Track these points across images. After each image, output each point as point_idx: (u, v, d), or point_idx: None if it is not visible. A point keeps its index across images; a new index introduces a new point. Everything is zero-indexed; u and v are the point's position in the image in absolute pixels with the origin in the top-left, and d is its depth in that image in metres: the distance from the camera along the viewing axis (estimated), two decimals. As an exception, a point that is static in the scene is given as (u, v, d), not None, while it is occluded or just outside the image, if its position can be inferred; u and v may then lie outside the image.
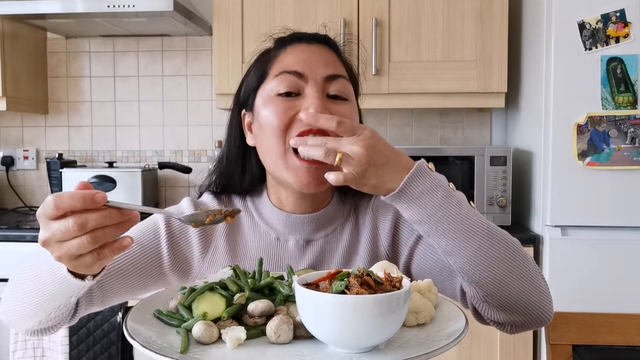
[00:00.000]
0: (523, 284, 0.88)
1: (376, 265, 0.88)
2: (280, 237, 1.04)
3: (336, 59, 1.02)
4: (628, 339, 1.21)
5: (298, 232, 1.03)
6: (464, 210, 0.85)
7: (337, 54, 1.03)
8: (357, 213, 1.08)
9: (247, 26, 2.41)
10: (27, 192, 2.93)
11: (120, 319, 2.10)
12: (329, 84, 0.96)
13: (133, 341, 0.75)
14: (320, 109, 0.92)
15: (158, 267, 1.02)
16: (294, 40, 1.02)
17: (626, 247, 2.05)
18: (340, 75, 0.98)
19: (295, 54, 0.99)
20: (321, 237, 1.04)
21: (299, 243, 1.03)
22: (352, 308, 0.70)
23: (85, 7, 2.31)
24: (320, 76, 0.96)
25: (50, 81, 2.90)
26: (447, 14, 2.37)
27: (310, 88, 0.95)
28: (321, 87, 0.95)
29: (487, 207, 2.24)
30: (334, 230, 1.05)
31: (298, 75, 0.95)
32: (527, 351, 2.16)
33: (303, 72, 0.95)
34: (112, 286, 0.97)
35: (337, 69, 0.99)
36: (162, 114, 2.87)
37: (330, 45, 1.03)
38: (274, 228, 1.04)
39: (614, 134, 2.02)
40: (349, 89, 1.00)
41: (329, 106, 0.95)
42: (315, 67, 0.96)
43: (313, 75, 0.95)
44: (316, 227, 1.04)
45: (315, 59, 0.97)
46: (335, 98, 0.97)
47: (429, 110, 2.77)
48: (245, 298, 0.82)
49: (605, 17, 2.01)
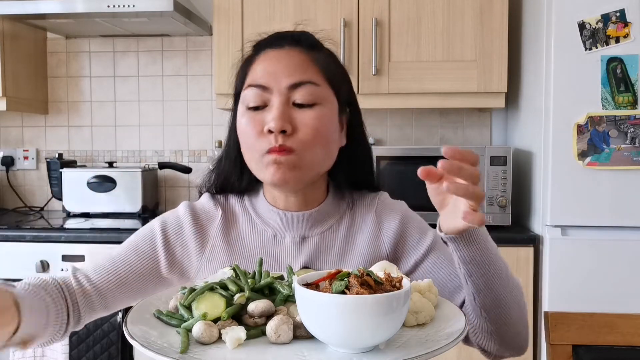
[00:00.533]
0: (520, 316, 0.99)
1: (376, 265, 0.88)
2: (277, 234, 1.06)
3: (306, 62, 0.99)
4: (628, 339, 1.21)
5: (294, 229, 1.06)
6: (499, 254, 0.95)
7: (310, 54, 1.01)
8: (354, 211, 1.09)
9: (247, 26, 2.40)
10: (27, 192, 2.93)
11: (120, 319, 2.10)
12: (294, 92, 0.97)
13: (133, 341, 0.75)
14: (279, 123, 0.94)
15: (156, 271, 1.05)
16: (266, 46, 1.02)
17: (626, 247, 2.05)
18: (304, 81, 0.97)
19: (263, 64, 0.99)
20: (317, 234, 1.06)
21: (295, 240, 1.05)
22: (352, 308, 0.70)
23: (85, 7, 2.31)
24: (283, 86, 0.97)
25: (50, 81, 2.90)
26: (447, 14, 2.37)
27: (275, 99, 0.96)
28: (285, 96, 0.97)
29: (487, 207, 2.24)
30: (330, 227, 1.07)
31: (263, 89, 0.98)
32: (527, 351, 2.15)
33: (267, 84, 0.97)
34: (113, 294, 1.01)
35: (301, 75, 0.97)
36: (162, 114, 2.87)
37: (304, 45, 1.01)
38: (270, 226, 1.06)
39: (614, 134, 2.02)
40: (318, 93, 0.98)
41: (292, 115, 0.96)
42: (279, 77, 0.97)
43: (277, 86, 0.97)
44: (311, 224, 1.06)
45: (280, 67, 0.98)
46: (301, 106, 0.97)
47: (429, 110, 2.77)
48: (245, 298, 0.82)
49: (605, 17, 2.01)
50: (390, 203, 1.11)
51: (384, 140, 2.80)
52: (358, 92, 2.37)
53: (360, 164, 1.09)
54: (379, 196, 1.11)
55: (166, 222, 1.08)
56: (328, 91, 1.00)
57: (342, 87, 1.04)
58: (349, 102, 1.07)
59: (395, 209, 1.09)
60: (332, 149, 1.02)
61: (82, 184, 2.58)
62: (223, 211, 1.09)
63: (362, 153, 1.09)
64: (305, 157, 0.96)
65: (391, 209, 1.09)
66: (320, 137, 0.97)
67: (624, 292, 2.04)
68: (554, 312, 1.22)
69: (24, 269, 2.21)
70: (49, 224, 2.44)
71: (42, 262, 2.20)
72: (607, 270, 2.05)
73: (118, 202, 2.57)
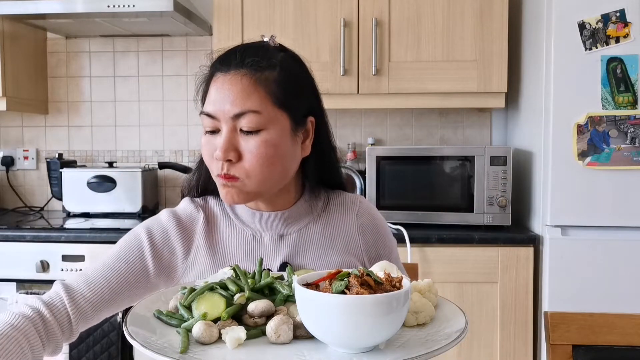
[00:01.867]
0: None
1: (376, 265, 0.88)
2: (256, 234, 1.11)
3: (250, 88, 0.99)
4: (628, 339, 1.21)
5: (271, 228, 1.10)
6: None
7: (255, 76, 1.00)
8: (330, 210, 1.15)
9: (247, 26, 2.40)
10: (27, 192, 2.93)
11: (120, 319, 2.10)
12: (239, 120, 0.99)
13: (133, 341, 0.75)
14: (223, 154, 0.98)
15: (145, 278, 1.08)
16: (217, 68, 1.04)
17: (626, 247, 2.05)
18: (245, 111, 0.98)
19: (213, 92, 1.02)
20: (294, 232, 1.11)
21: (274, 238, 1.10)
22: (352, 308, 0.70)
23: (85, 7, 2.31)
24: (228, 116, 0.99)
25: (50, 81, 2.90)
26: (447, 14, 2.37)
27: (223, 127, 1.00)
28: (231, 125, 0.99)
29: (487, 207, 2.24)
30: (307, 224, 1.12)
31: (212, 117, 1.01)
32: (527, 351, 2.16)
33: (215, 114, 1.00)
34: (106, 305, 1.05)
35: (242, 105, 0.98)
36: (162, 114, 2.87)
37: (249, 66, 1.01)
38: (249, 226, 1.11)
39: (614, 134, 2.02)
40: (260, 120, 0.98)
41: (239, 142, 0.99)
42: (224, 106, 0.99)
43: (223, 116, 1.00)
44: (287, 223, 1.11)
45: (225, 96, 0.99)
46: (248, 132, 0.99)
47: (429, 110, 2.77)
48: (245, 298, 0.82)
49: (605, 17, 2.01)
50: (373, 212, 1.19)
51: (384, 140, 2.80)
52: (358, 92, 2.37)
53: (328, 166, 1.14)
54: (359, 199, 1.18)
55: (151, 229, 1.10)
56: (275, 114, 1.00)
57: (298, 102, 1.04)
58: (310, 111, 1.07)
59: (376, 218, 1.18)
60: (285, 166, 1.04)
61: (82, 184, 2.58)
62: (204, 214, 1.12)
63: (328, 157, 1.13)
64: (250, 182, 1.01)
65: (373, 217, 1.17)
66: (266, 161, 0.99)
67: (624, 292, 2.04)
68: (554, 312, 1.22)
69: (24, 269, 2.21)
70: (49, 224, 2.44)
71: (42, 262, 2.20)
72: (607, 270, 2.05)
73: (118, 202, 2.57)
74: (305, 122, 1.06)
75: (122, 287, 1.05)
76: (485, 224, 2.25)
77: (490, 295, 2.16)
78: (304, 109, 1.06)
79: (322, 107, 1.11)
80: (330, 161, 1.13)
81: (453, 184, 2.30)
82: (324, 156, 1.11)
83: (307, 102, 1.07)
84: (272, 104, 1.00)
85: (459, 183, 2.29)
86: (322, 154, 1.11)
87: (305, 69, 1.10)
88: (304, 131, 1.06)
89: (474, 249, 2.15)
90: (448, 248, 2.16)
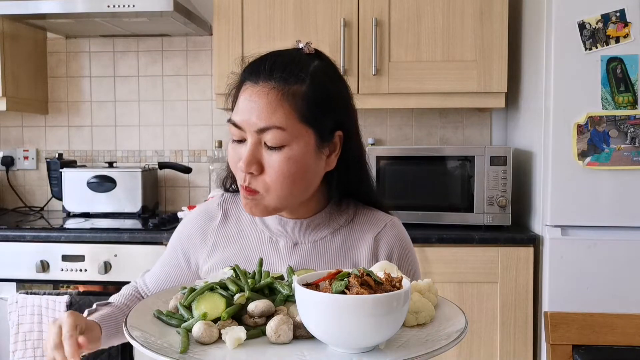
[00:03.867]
0: None
1: (376, 265, 0.88)
2: (273, 237, 1.11)
3: (276, 102, 0.98)
4: (628, 339, 1.21)
5: (288, 234, 1.10)
6: None
7: (284, 89, 0.99)
8: (353, 227, 1.11)
9: (247, 26, 2.40)
10: (27, 192, 2.93)
11: (120, 319, 2.10)
12: (263, 134, 0.98)
13: (133, 341, 0.75)
14: (246, 166, 0.99)
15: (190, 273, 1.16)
16: (246, 77, 1.03)
17: (626, 247, 2.04)
18: (270, 126, 0.97)
19: (241, 102, 1.01)
20: (310, 242, 1.09)
21: (288, 244, 1.10)
22: (352, 308, 0.70)
23: (85, 7, 2.31)
24: (253, 130, 0.99)
25: (50, 81, 2.90)
26: (447, 14, 2.37)
27: (249, 138, 1.00)
28: (256, 138, 0.99)
29: (487, 207, 2.24)
30: (324, 237, 1.10)
31: (238, 127, 1.01)
32: (527, 351, 2.16)
33: (242, 125, 1.00)
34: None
35: (268, 120, 0.97)
36: (162, 114, 2.87)
37: (277, 79, 0.99)
38: (268, 228, 1.11)
39: (614, 134, 2.02)
40: (284, 137, 0.98)
41: (262, 155, 0.99)
42: (251, 119, 0.99)
43: (249, 128, 0.99)
44: (304, 232, 1.10)
45: (252, 108, 0.99)
46: (271, 148, 0.99)
47: (429, 110, 2.77)
48: (245, 298, 0.82)
49: (605, 17, 2.01)
50: (399, 238, 1.11)
51: (384, 140, 2.80)
52: (358, 92, 2.37)
53: (354, 180, 1.10)
54: (389, 221, 1.12)
55: (180, 233, 1.19)
56: (299, 130, 0.99)
57: (325, 117, 1.02)
58: (339, 125, 1.04)
59: (399, 247, 1.11)
60: (306, 183, 1.03)
61: (82, 184, 2.58)
62: (224, 211, 1.15)
63: (354, 171, 1.09)
64: (269, 197, 1.00)
65: (394, 245, 1.10)
66: (287, 178, 0.98)
67: (624, 292, 2.04)
68: (554, 312, 1.22)
69: (24, 269, 2.21)
70: (49, 224, 2.43)
71: (42, 262, 2.19)
72: (607, 270, 2.05)
73: (118, 202, 2.57)
74: (332, 137, 1.03)
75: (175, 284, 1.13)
76: (485, 224, 2.25)
77: (490, 295, 2.16)
78: (332, 124, 1.03)
79: (353, 121, 1.08)
80: (357, 175, 1.10)
81: (453, 184, 2.30)
82: (349, 170, 1.08)
83: (336, 116, 1.04)
84: (297, 120, 0.99)
85: (459, 183, 2.29)
86: (347, 169, 1.07)
87: (338, 80, 1.07)
88: (330, 145, 1.04)
89: (474, 249, 2.15)
90: (448, 248, 2.16)
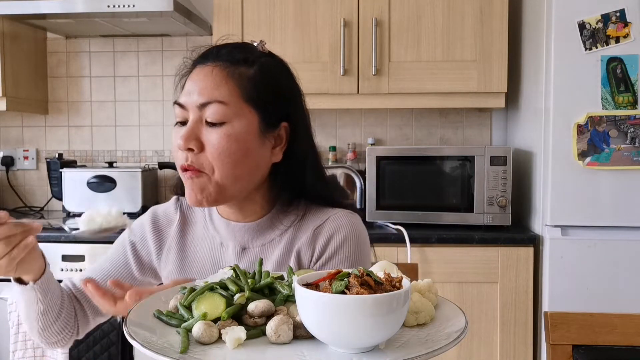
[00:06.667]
0: None
1: (376, 265, 0.88)
2: (223, 242, 1.09)
3: (222, 79, 0.98)
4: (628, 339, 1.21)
5: (236, 239, 1.08)
6: None
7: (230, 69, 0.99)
8: (300, 226, 1.08)
9: (247, 26, 2.40)
10: (27, 192, 2.93)
11: (120, 319, 2.10)
12: (204, 110, 0.97)
13: (133, 341, 0.75)
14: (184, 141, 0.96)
15: (130, 276, 1.14)
16: (196, 62, 1.03)
17: (626, 247, 2.05)
18: (211, 100, 0.97)
19: (188, 83, 1.01)
20: (257, 246, 1.08)
21: (236, 249, 1.08)
22: (352, 308, 0.70)
23: (85, 7, 2.31)
24: (195, 105, 0.98)
25: (50, 81, 2.90)
26: (447, 14, 2.37)
27: (190, 117, 0.99)
28: (197, 115, 0.98)
29: (487, 207, 2.24)
30: (271, 240, 1.08)
31: (182, 106, 1.00)
32: (527, 351, 2.16)
33: (184, 103, 1.00)
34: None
35: (210, 94, 0.97)
36: (162, 114, 2.87)
37: (225, 59, 1.00)
38: (219, 233, 1.10)
39: (614, 134, 2.02)
40: (226, 112, 0.97)
41: (202, 133, 0.97)
42: (193, 96, 0.98)
43: (191, 105, 0.98)
44: (252, 236, 1.08)
45: (197, 86, 0.99)
46: (212, 124, 0.97)
47: (429, 110, 2.77)
48: (245, 298, 0.82)
49: (605, 17, 2.01)
50: (338, 225, 1.06)
51: (384, 140, 2.80)
52: (358, 92, 2.37)
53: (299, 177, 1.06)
54: (334, 214, 1.07)
55: (133, 230, 1.16)
56: (242, 108, 0.98)
57: (271, 103, 1.01)
58: (285, 117, 1.03)
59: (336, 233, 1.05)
60: (251, 166, 1.00)
61: (82, 184, 2.58)
62: (181, 215, 1.14)
63: (300, 167, 1.06)
64: (214, 178, 0.98)
65: (333, 231, 1.05)
66: (227, 155, 0.96)
67: (624, 292, 2.04)
68: (554, 312, 1.22)
69: (24, 269, 2.21)
70: (49, 224, 2.43)
71: (42, 262, 2.19)
72: (607, 270, 2.05)
73: (118, 202, 2.57)
74: (277, 127, 1.02)
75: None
76: (485, 224, 2.25)
77: (490, 295, 2.16)
78: (278, 112, 1.02)
79: (302, 118, 1.06)
80: (303, 173, 1.06)
81: (453, 184, 2.30)
82: (294, 166, 1.05)
83: (283, 106, 1.03)
84: (241, 98, 0.98)
85: (459, 183, 2.29)
86: (292, 164, 1.04)
87: (289, 76, 1.06)
88: (276, 136, 1.02)
89: (474, 249, 2.15)
90: (448, 248, 2.16)
